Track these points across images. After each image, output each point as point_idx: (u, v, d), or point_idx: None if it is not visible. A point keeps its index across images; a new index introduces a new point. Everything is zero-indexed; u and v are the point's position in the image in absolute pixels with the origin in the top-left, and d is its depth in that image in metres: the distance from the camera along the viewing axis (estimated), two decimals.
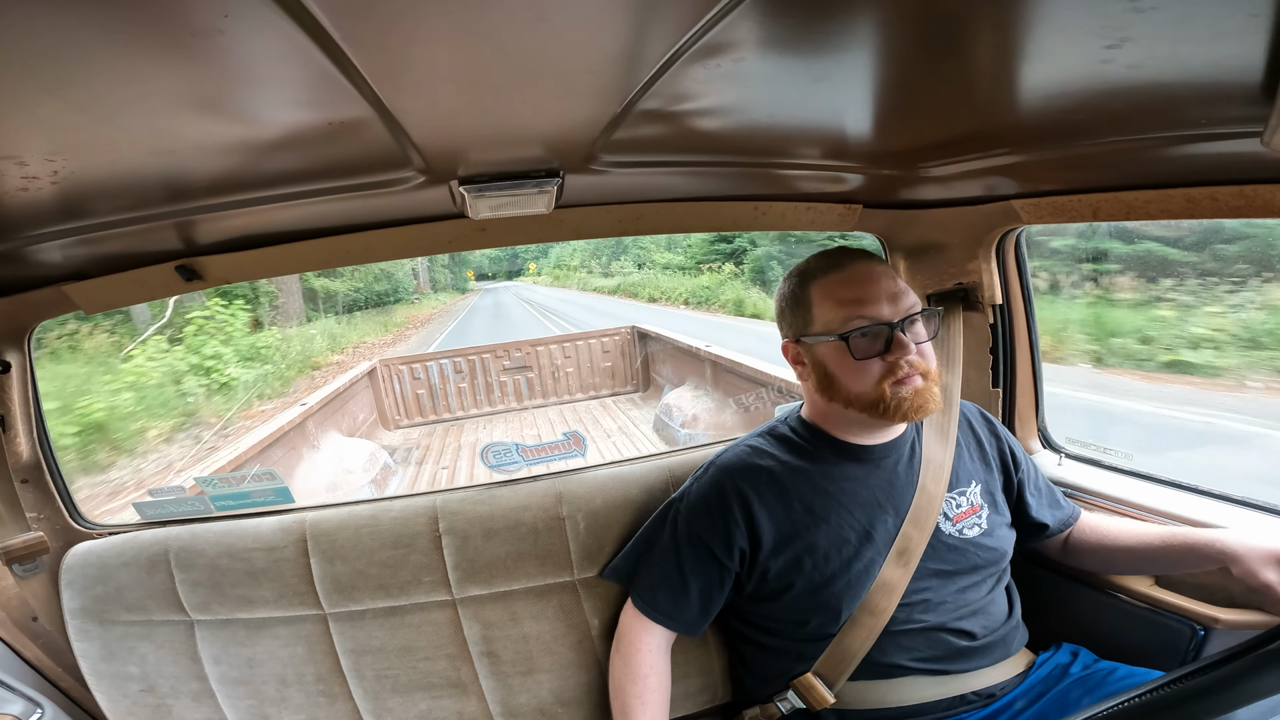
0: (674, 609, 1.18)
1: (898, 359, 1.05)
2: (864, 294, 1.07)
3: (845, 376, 1.09)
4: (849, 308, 1.07)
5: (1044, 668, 1.15)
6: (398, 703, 1.31)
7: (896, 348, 1.05)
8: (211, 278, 1.27)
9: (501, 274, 49.94)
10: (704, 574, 1.16)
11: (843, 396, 1.10)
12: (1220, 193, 0.94)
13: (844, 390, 1.10)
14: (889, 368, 1.05)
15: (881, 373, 1.06)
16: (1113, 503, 1.32)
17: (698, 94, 0.74)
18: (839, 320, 1.07)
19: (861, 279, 1.09)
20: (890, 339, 1.05)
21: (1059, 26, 0.57)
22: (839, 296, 1.09)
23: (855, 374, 1.07)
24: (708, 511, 1.16)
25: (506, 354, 7.66)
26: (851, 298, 1.07)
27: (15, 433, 1.28)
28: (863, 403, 1.08)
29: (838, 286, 1.10)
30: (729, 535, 1.13)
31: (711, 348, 6.25)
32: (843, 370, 1.09)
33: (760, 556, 1.12)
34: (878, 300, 1.06)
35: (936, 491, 1.14)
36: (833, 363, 1.10)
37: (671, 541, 1.20)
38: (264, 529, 1.32)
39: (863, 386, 1.07)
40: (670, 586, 1.18)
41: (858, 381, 1.08)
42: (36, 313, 1.26)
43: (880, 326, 1.05)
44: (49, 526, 1.35)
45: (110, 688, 1.29)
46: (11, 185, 0.74)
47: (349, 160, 0.89)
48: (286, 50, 0.52)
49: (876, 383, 1.06)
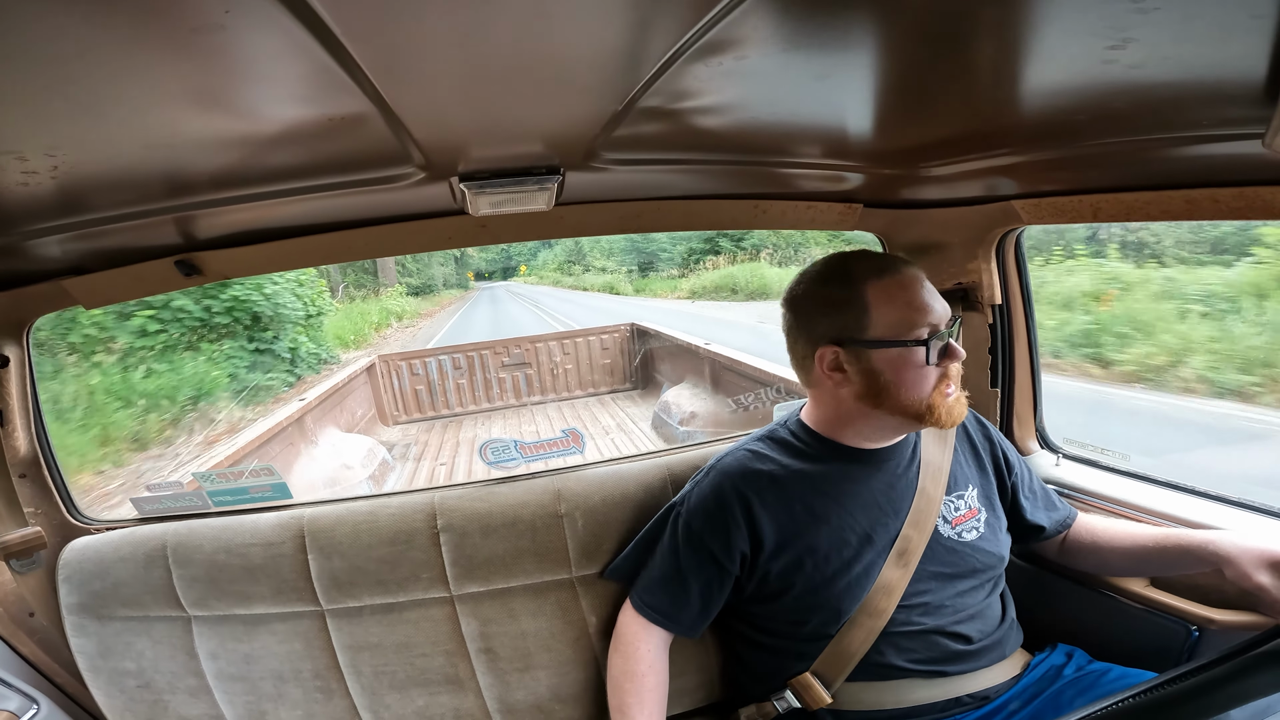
0: (673, 610, 1.19)
1: (948, 365, 1.06)
2: (926, 301, 1.06)
3: (904, 384, 1.05)
4: (916, 313, 1.05)
5: (1039, 669, 1.16)
6: (395, 699, 1.31)
7: (955, 355, 1.06)
8: (211, 273, 1.26)
9: (498, 274, 55.97)
10: (704, 576, 1.16)
11: (891, 404, 1.06)
12: (1221, 194, 0.94)
13: (896, 398, 1.06)
14: (942, 374, 1.06)
15: (937, 380, 1.06)
16: (1110, 503, 1.32)
17: (699, 92, 0.74)
18: (906, 325, 1.05)
19: (916, 285, 1.07)
20: (946, 347, 1.06)
21: (1062, 26, 0.57)
22: (903, 300, 1.06)
23: (916, 381, 1.05)
24: (708, 515, 1.15)
25: (506, 350, 7.66)
26: (917, 304, 1.05)
27: (13, 427, 1.28)
28: (915, 410, 1.06)
29: (900, 290, 1.06)
30: (730, 538, 1.13)
31: (711, 345, 6.25)
32: (903, 377, 1.05)
33: (761, 559, 1.12)
34: (934, 308, 1.06)
35: (935, 494, 1.15)
36: (891, 370, 1.05)
37: (672, 544, 1.20)
38: (262, 525, 1.31)
39: (919, 394, 1.05)
40: (670, 588, 1.18)
41: (917, 390, 1.05)
42: (35, 307, 1.26)
43: (940, 333, 1.05)
44: (46, 522, 1.34)
45: (107, 684, 1.29)
46: (11, 180, 0.74)
47: (349, 156, 0.89)
48: (287, 46, 0.52)
49: (932, 390, 1.05)
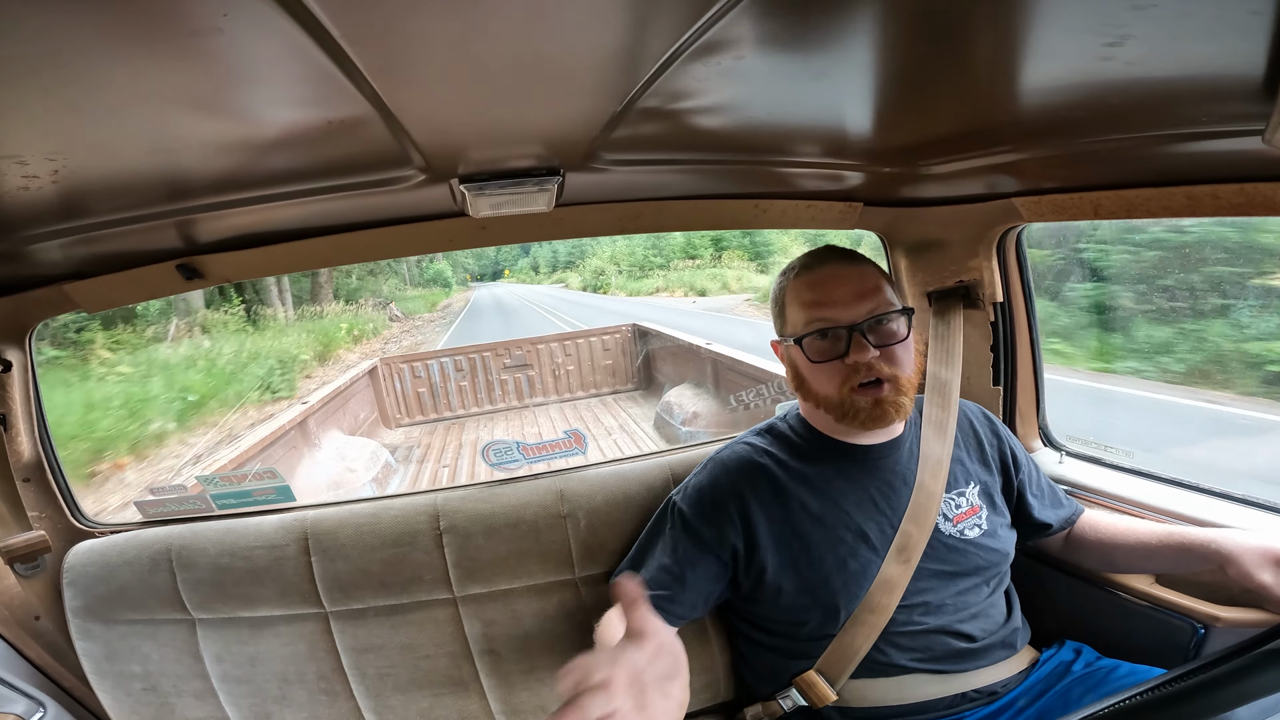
0: (669, 601, 1.16)
1: (855, 362, 1.05)
2: (825, 296, 1.08)
3: (811, 379, 1.12)
4: (810, 310, 1.09)
5: (1046, 665, 1.15)
6: (399, 701, 1.31)
7: (855, 350, 1.06)
8: (212, 276, 1.27)
9: (487, 276, 60.27)
10: (699, 566, 1.15)
11: (812, 398, 1.13)
12: (1221, 190, 0.94)
13: (811, 392, 1.13)
14: (850, 371, 1.06)
15: (844, 377, 1.07)
16: (1114, 500, 1.32)
17: (698, 92, 0.74)
18: (802, 322, 1.10)
19: (826, 281, 1.10)
20: (849, 342, 1.06)
21: (1059, 23, 0.57)
22: (804, 299, 1.11)
23: (819, 377, 1.10)
24: (703, 506, 1.16)
25: (507, 352, 7.67)
26: (813, 300, 1.09)
27: (16, 432, 1.28)
28: (828, 405, 1.10)
29: (804, 288, 1.12)
30: (723, 531, 1.13)
31: (712, 345, 6.25)
32: (809, 373, 1.12)
33: (755, 555, 1.12)
34: (838, 303, 1.07)
35: (935, 488, 1.14)
36: (800, 365, 1.13)
37: (670, 534, 1.19)
38: (265, 528, 1.32)
39: (826, 390, 1.09)
40: (665, 580, 1.17)
41: (821, 385, 1.10)
42: (37, 312, 1.26)
43: (839, 329, 1.06)
44: (51, 525, 1.35)
45: (113, 687, 1.29)
46: (12, 184, 0.74)
47: (349, 159, 0.89)
48: (286, 49, 0.52)
49: (838, 386, 1.07)
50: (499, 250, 54.43)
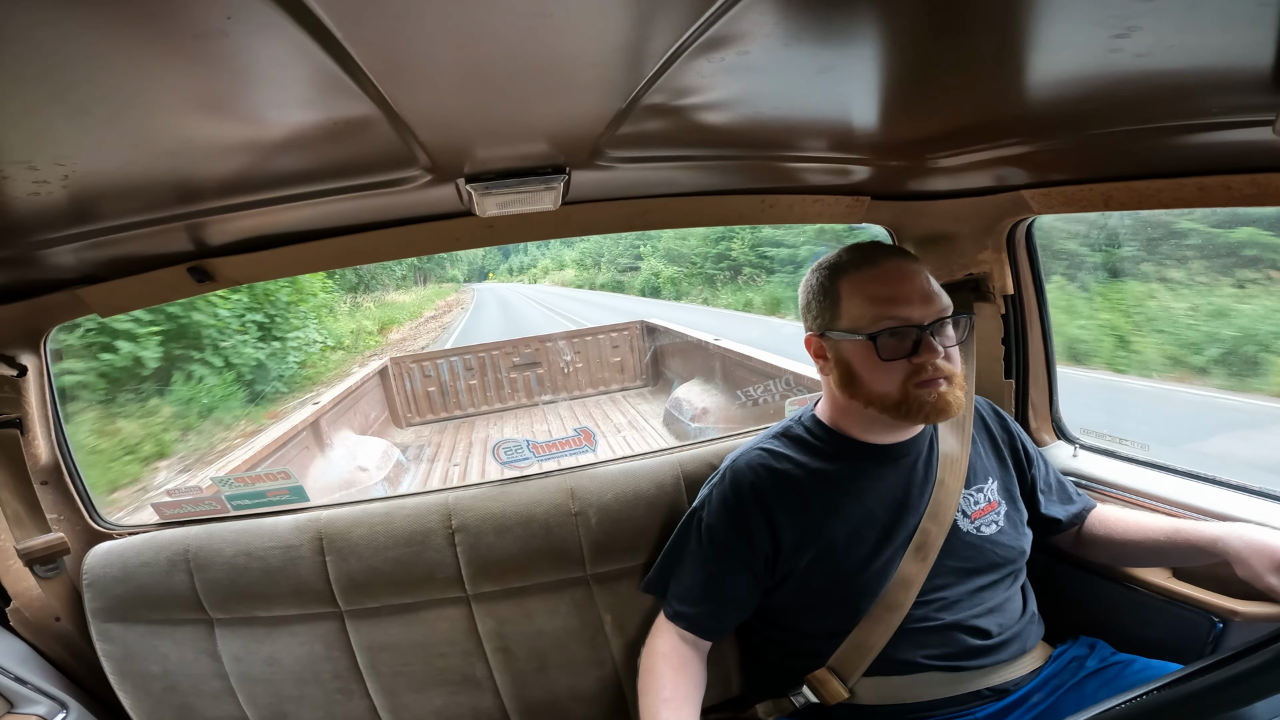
0: (708, 620, 1.17)
1: (924, 362, 1.03)
2: (896, 293, 1.05)
3: (869, 376, 1.07)
4: (880, 306, 1.05)
5: (1060, 660, 1.14)
6: (414, 699, 1.32)
7: (925, 350, 1.03)
8: (223, 279, 1.27)
9: (474, 278, 64.10)
10: (733, 582, 1.15)
11: (864, 395, 1.08)
12: (1233, 181, 0.93)
13: (866, 389, 1.07)
14: (914, 370, 1.03)
15: (906, 374, 1.04)
16: (1128, 494, 1.31)
17: (703, 87, 0.73)
18: (868, 318, 1.05)
19: (894, 277, 1.07)
20: (919, 341, 1.03)
21: (1066, 15, 0.56)
22: (870, 293, 1.06)
23: (880, 374, 1.05)
24: (728, 519, 1.15)
25: (516, 350, 7.68)
26: (883, 296, 1.05)
27: (34, 435, 1.30)
28: (885, 403, 1.06)
29: (869, 283, 1.07)
30: (752, 541, 1.13)
31: (721, 341, 6.24)
32: (867, 369, 1.07)
33: (781, 559, 1.12)
34: (909, 300, 1.04)
35: (954, 487, 1.14)
36: (857, 361, 1.08)
37: (698, 552, 1.19)
38: (280, 528, 1.33)
39: (886, 387, 1.05)
40: (700, 596, 1.17)
41: (881, 382, 1.05)
42: (51, 316, 1.28)
43: (909, 328, 1.03)
44: (69, 527, 1.37)
45: (134, 687, 1.31)
46: (22, 190, 0.75)
47: (356, 160, 0.89)
48: (290, 51, 0.52)
49: (900, 384, 1.04)
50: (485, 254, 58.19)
